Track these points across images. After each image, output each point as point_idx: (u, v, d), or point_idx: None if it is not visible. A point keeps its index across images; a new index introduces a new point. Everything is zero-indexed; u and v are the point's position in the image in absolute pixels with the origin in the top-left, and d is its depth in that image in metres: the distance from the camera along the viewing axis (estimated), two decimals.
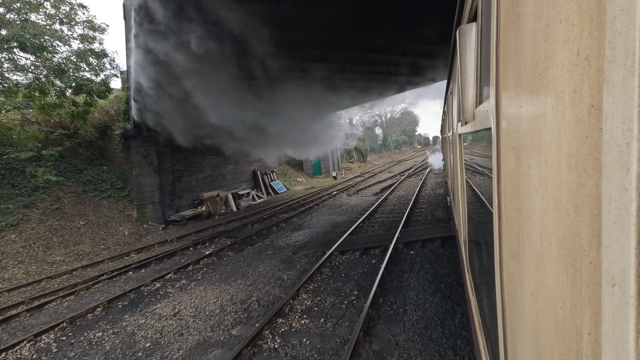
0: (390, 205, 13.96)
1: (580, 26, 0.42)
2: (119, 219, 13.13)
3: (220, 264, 8.51)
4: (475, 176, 2.22)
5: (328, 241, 9.25)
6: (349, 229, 10.33)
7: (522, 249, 0.74)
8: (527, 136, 0.66)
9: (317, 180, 28.16)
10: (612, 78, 0.35)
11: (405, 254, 7.71)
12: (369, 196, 17.13)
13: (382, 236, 9.09)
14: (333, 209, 14.51)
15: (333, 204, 16.00)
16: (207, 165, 17.03)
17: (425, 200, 14.22)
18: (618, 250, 0.35)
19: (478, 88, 1.50)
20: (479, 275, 1.96)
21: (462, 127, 2.24)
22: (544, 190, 0.58)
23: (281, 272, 7.40)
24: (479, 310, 1.98)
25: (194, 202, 15.85)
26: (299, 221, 12.78)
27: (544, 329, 0.60)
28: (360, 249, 8.23)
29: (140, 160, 13.70)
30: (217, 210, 15.89)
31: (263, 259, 8.58)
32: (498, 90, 0.91)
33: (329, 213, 13.76)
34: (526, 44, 0.64)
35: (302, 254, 8.50)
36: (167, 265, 8.95)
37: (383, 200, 14.96)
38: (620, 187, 0.35)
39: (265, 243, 10.11)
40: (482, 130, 1.40)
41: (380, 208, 13.61)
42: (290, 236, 10.59)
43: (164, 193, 14.24)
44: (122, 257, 10.09)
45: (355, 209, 13.98)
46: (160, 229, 13.32)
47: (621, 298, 0.35)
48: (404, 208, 12.91)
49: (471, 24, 1.51)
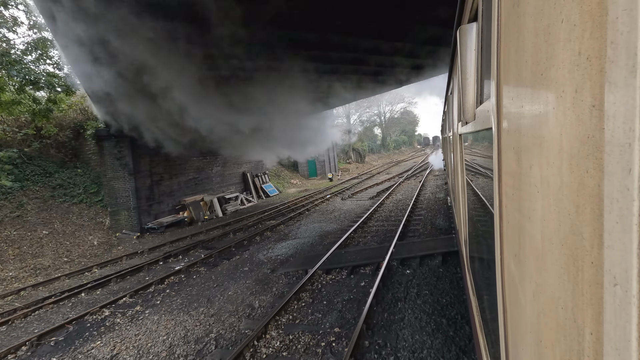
0: (386, 212, 12.82)
1: (581, 26, 0.42)
2: (89, 227, 11.99)
3: (187, 284, 7.37)
4: (476, 176, 2.18)
5: (313, 256, 8.11)
6: (338, 239, 9.20)
7: (523, 248, 0.75)
8: (529, 136, 0.66)
9: (312, 182, 27.04)
10: (613, 78, 0.36)
11: (400, 274, 6.57)
12: (364, 200, 15.99)
13: (374, 250, 7.94)
14: (324, 215, 13.37)
15: (325, 209, 14.86)
16: (190, 167, 15.89)
17: (425, 206, 13.08)
18: (620, 250, 0.35)
19: (479, 88, 1.50)
20: (480, 275, 1.95)
21: (462, 127, 2.21)
22: (545, 190, 0.59)
23: (253, 297, 6.26)
24: (480, 311, 1.96)
25: (175, 207, 14.71)
26: (286, 229, 11.64)
27: (545, 329, 0.61)
28: (348, 267, 7.09)
29: (114, 162, 12.56)
30: (201, 216, 14.75)
31: (237, 277, 7.44)
32: (499, 90, 0.91)
33: (319, 220, 12.62)
34: (527, 44, 0.65)
35: (281, 272, 7.36)
36: (127, 284, 7.81)
37: (379, 206, 13.83)
38: (622, 187, 0.35)
39: (244, 257, 8.97)
40: (482, 130, 1.40)
41: (375, 214, 12.47)
42: (273, 248, 9.45)
43: (141, 198, 13.11)
44: (83, 273, 8.95)
45: (348, 216, 12.84)
46: (134, 237, 12.19)
47: (623, 298, 0.35)
48: (401, 215, 11.78)
49: (472, 24, 1.52)
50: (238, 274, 7.65)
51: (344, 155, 38.16)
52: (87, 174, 13.95)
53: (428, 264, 6.93)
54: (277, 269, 7.69)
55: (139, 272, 8.61)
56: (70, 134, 14.33)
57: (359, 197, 17.05)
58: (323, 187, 22.50)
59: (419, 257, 7.13)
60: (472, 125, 1.66)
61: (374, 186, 20.47)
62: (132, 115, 10.89)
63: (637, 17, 0.31)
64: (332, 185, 22.66)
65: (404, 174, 25.70)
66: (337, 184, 23.34)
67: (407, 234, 9.35)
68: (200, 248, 10.33)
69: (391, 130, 61.30)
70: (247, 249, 9.75)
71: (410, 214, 11.63)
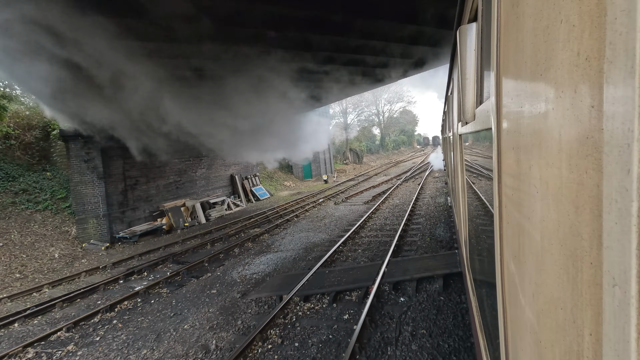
0: (381, 219, 11.67)
1: (580, 27, 0.43)
2: (52, 238, 10.83)
3: (141, 312, 6.22)
4: (476, 176, 2.13)
5: (293, 276, 6.96)
6: (325, 253, 8.08)
7: (522, 249, 0.75)
8: (528, 136, 0.66)
9: (306, 184, 25.89)
10: (612, 79, 0.36)
11: (393, 303, 5.42)
12: (358, 205, 14.84)
13: (363, 270, 6.79)
14: (314, 223, 12.21)
15: (316, 214, 13.71)
16: (171, 170, 14.74)
17: (423, 212, 11.93)
18: (619, 250, 0.35)
19: (478, 88, 1.52)
20: (480, 275, 1.94)
21: (462, 127, 2.22)
22: (544, 190, 0.59)
23: (212, 334, 5.10)
24: (479, 311, 1.96)
25: (153, 213, 13.55)
26: (269, 240, 10.48)
27: (544, 330, 0.61)
28: (331, 292, 5.94)
29: (81, 165, 11.41)
30: (180, 223, 13.59)
31: (200, 303, 6.29)
32: (499, 90, 0.91)
33: (307, 228, 11.45)
34: (527, 45, 0.65)
35: (253, 298, 6.21)
36: (73, 310, 6.66)
37: (374, 212, 12.68)
38: (621, 188, 0.35)
39: (216, 274, 7.82)
40: (482, 130, 1.39)
41: (369, 222, 11.32)
42: (251, 264, 8.29)
43: (112, 204, 11.95)
44: (31, 294, 7.79)
45: (339, 223, 11.68)
46: (103, 248, 11.04)
47: (622, 299, 0.35)
48: (397, 223, 10.63)
49: (471, 24, 1.54)
50: (203, 298, 6.50)
51: (341, 156, 37.01)
52: (57, 178, 12.79)
53: (426, 289, 5.78)
54: (249, 292, 6.54)
55: (93, 293, 7.45)
56: (38, 133, 13.20)
57: (353, 201, 15.89)
58: (317, 189, 21.35)
59: (416, 280, 5.98)
60: (472, 126, 1.67)
61: (370, 189, 19.32)
62: (90, 114, 9.74)
63: (636, 18, 0.32)
64: (327, 188, 21.51)
65: (402, 176, 24.58)
66: (331, 187, 22.19)
67: (403, 248, 8.19)
68: (171, 262, 9.17)
69: (390, 130, 60.15)
70: (222, 264, 8.60)
71: (407, 222, 10.48)
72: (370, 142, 48.86)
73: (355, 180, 24.95)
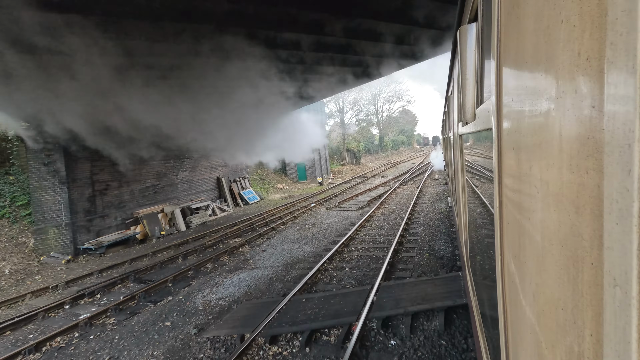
0: (375, 228, 10.51)
1: (581, 27, 0.43)
2: (6, 250, 9.66)
3: (72, 354, 5.06)
4: (476, 177, 2.14)
5: (263, 304, 5.80)
6: (307, 272, 6.99)
7: (523, 249, 0.75)
8: (528, 137, 0.66)
9: (300, 186, 24.73)
10: (613, 79, 0.36)
11: (381, 348, 4.27)
12: (352, 210, 13.69)
13: (348, 297, 5.62)
14: (301, 232, 11.04)
15: (305, 222, 12.54)
16: (148, 173, 13.56)
17: (422, 220, 10.77)
18: (620, 251, 0.35)
19: (479, 88, 1.51)
20: (480, 275, 1.96)
21: (462, 127, 2.22)
22: (545, 191, 0.59)
23: None
24: (480, 311, 1.97)
25: (126, 221, 12.38)
26: (249, 253, 9.32)
27: (545, 330, 0.61)
28: (305, 330, 4.77)
29: (40, 169, 10.25)
30: (156, 231, 12.42)
31: (147, 341, 5.13)
32: (499, 90, 0.91)
33: (292, 239, 10.28)
34: (527, 45, 0.65)
35: (210, 336, 5.04)
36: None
37: (368, 219, 11.53)
38: (621, 188, 0.35)
39: (177, 298, 6.66)
40: (483, 130, 1.39)
41: (362, 232, 10.16)
42: (221, 284, 7.14)
43: (77, 212, 10.78)
44: None
45: (328, 233, 10.52)
46: (63, 262, 9.88)
47: (623, 299, 0.35)
48: (392, 233, 9.48)
49: (472, 25, 1.60)
50: (152, 334, 5.33)
51: (338, 157, 35.85)
52: (21, 182, 11.61)
53: (423, 327, 4.61)
54: (207, 326, 5.37)
55: (29, 322, 6.29)
56: None
57: (347, 206, 14.73)
58: (310, 192, 20.20)
59: (410, 315, 4.81)
60: (472, 126, 1.67)
61: (365, 192, 18.15)
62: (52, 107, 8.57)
63: (637, 18, 0.32)
64: (321, 191, 20.35)
65: (400, 177, 23.47)
66: (326, 189, 21.04)
67: (397, 267, 7.03)
68: (132, 280, 8.01)
69: (389, 129, 58.99)
70: (189, 283, 7.44)
71: (404, 233, 9.33)
72: (369, 142, 47.72)
73: (351, 182, 23.80)
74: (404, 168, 31.28)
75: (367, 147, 44.04)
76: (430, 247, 8.00)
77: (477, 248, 2.07)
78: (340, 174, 30.03)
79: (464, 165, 2.74)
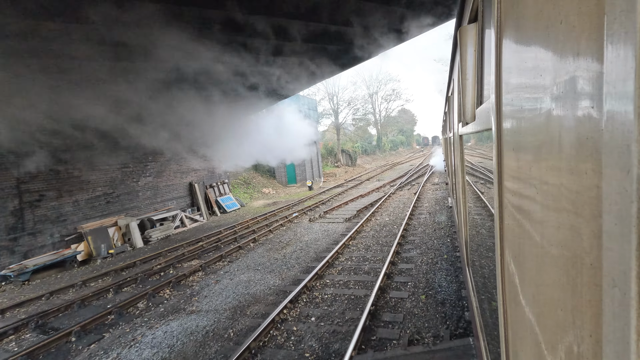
0: (361, 249, 8.58)
1: (580, 27, 0.43)
2: None
3: None
4: (477, 177, 2.15)
5: None
6: (258, 324, 5.09)
7: (522, 250, 0.75)
8: (528, 137, 0.66)
9: (289, 190, 22.79)
10: (612, 79, 0.35)
11: None
12: (338, 222, 11.76)
13: None
14: (271, 253, 9.09)
15: (280, 238, 10.59)
16: (99, 179, 11.60)
17: (418, 239, 8.82)
18: (619, 252, 0.35)
19: (479, 89, 1.53)
20: (481, 276, 1.94)
21: (463, 127, 2.17)
22: (544, 191, 0.59)
23: None
24: (480, 311, 1.96)
25: (66, 238, 10.40)
26: (198, 285, 7.37)
27: (545, 331, 0.61)
28: None
29: None
30: (103, 249, 10.44)
31: None
32: (499, 91, 0.91)
33: (257, 264, 8.33)
34: (527, 45, 0.65)
35: None
36: None
37: (354, 235, 9.66)
38: (620, 189, 0.35)
39: None
40: (483, 130, 1.39)
41: (344, 255, 8.26)
42: (139, 342, 5.22)
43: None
44: None
45: (303, 255, 8.58)
46: None
47: (622, 300, 0.35)
48: (380, 259, 7.60)
49: (472, 25, 1.61)
50: None
51: (333, 158, 33.86)
52: None
53: None
54: None
55: None
56: None
57: (333, 217, 12.79)
58: (297, 198, 18.30)
59: None
60: (473, 126, 1.66)
61: (357, 199, 16.23)
62: None
63: (636, 19, 0.31)
64: (309, 197, 18.44)
65: (397, 181, 21.62)
66: (315, 194, 19.15)
67: (381, 316, 5.10)
68: (33, 328, 6.05)
69: (388, 129, 57.05)
70: (101, 336, 5.56)
71: (395, 259, 7.42)
72: (366, 142, 45.77)
73: (343, 186, 21.92)
74: (402, 170, 29.41)
75: (364, 148, 42.17)
76: (428, 283, 6.05)
77: (477, 248, 2.08)
78: (334, 176, 28.13)
79: (464, 166, 2.74)
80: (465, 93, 1.64)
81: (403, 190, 17.94)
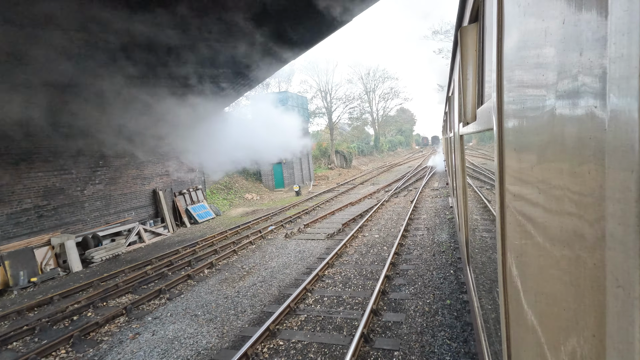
0: (338, 283, 6.60)
1: (582, 27, 0.42)
2: None
3: None
4: (477, 177, 2.13)
5: None
6: None
7: (525, 250, 0.74)
8: (530, 137, 0.66)
9: (274, 196, 20.83)
10: (615, 79, 0.35)
11: None
12: (318, 239, 9.80)
13: None
14: (224, 287, 7.08)
15: (243, 262, 8.60)
16: (27, 188, 9.57)
17: (413, 270, 6.85)
18: (622, 252, 0.35)
19: (479, 89, 1.55)
20: (482, 276, 1.92)
21: (463, 127, 2.15)
22: (546, 191, 0.58)
23: None
24: (482, 312, 1.93)
25: None
26: (110, 340, 5.36)
27: (547, 331, 0.60)
28: None
29: None
30: (22, 278, 8.41)
31: None
32: (500, 90, 0.90)
33: (199, 306, 6.31)
34: (528, 45, 0.64)
35: None
36: None
37: (334, 259, 7.68)
38: (624, 189, 0.34)
39: None
40: (483, 130, 1.39)
41: (315, 291, 6.25)
42: None
43: None
44: None
45: (262, 292, 6.61)
46: None
47: (626, 300, 0.34)
48: (361, 300, 5.73)
49: (472, 25, 1.61)
50: None
51: (326, 159, 31.80)
52: None
53: None
54: None
55: None
56: None
57: (314, 231, 10.81)
58: (281, 205, 16.38)
59: None
60: (473, 126, 1.66)
61: (346, 207, 14.28)
62: None
63: (638, 17, 0.31)
64: (294, 204, 16.49)
65: (393, 185, 19.69)
66: (301, 201, 17.21)
67: None
68: None
69: (386, 129, 54.99)
70: None
71: (379, 305, 5.38)
72: (364, 142, 43.71)
73: (334, 191, 20.00)
74: (399, 172, 27.44)
75: (361, 148, 40.18)
76: (424, 356, 4.00)
77: (477, 248, 2.08)
78: (326, 179, 26.16)
79: (465, 166, 2.76)
80: (466, 93, 1.69)
81: (399, 197, 15.92)
